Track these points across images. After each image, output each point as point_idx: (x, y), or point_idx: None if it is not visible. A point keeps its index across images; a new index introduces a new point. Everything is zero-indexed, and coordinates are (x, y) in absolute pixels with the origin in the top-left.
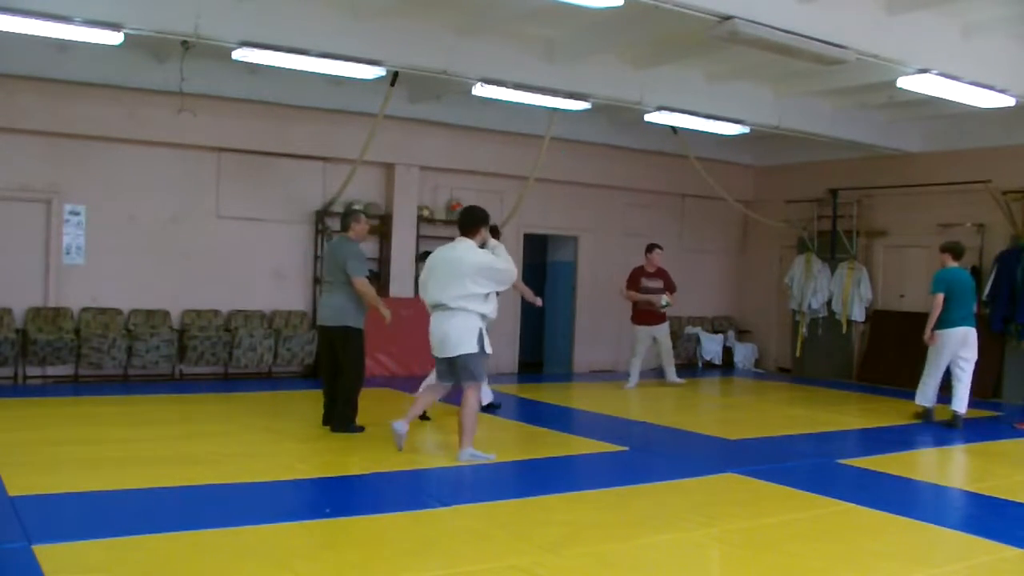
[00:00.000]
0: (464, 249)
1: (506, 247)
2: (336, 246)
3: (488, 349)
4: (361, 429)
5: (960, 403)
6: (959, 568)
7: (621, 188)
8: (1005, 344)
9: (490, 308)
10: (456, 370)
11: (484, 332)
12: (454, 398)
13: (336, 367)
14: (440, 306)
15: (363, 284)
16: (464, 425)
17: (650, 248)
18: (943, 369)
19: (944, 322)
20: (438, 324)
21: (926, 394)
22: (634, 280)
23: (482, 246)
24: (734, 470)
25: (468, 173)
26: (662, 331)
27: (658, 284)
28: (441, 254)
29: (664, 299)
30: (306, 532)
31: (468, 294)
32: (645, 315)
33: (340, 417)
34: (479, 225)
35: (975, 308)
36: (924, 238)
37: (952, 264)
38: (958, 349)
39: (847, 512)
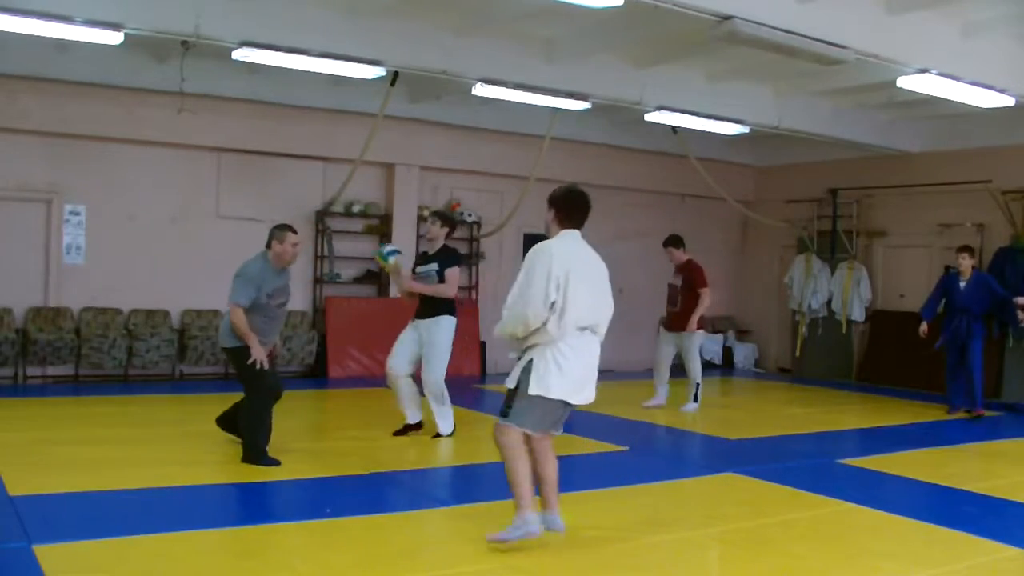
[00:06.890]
0: None
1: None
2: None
3: None
4: (275, 463)
5: None
6: (959, 568)
7: (621, 188)
8: (1004, 344)
9: None
10: None
11: None
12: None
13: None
14: None
15: (234, 314)
16: None
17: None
18: None
19: None
20: None
21: None
22: None
23: None
24: (734, 470)
25: (468, 173)
26: None
27: None
28: None
29: None
30: (306, 532)
31: None
32: None
33: (245, 447)
34: None
35: None
36: (924, 238)
37: None
38: None
39: (847, 512)
